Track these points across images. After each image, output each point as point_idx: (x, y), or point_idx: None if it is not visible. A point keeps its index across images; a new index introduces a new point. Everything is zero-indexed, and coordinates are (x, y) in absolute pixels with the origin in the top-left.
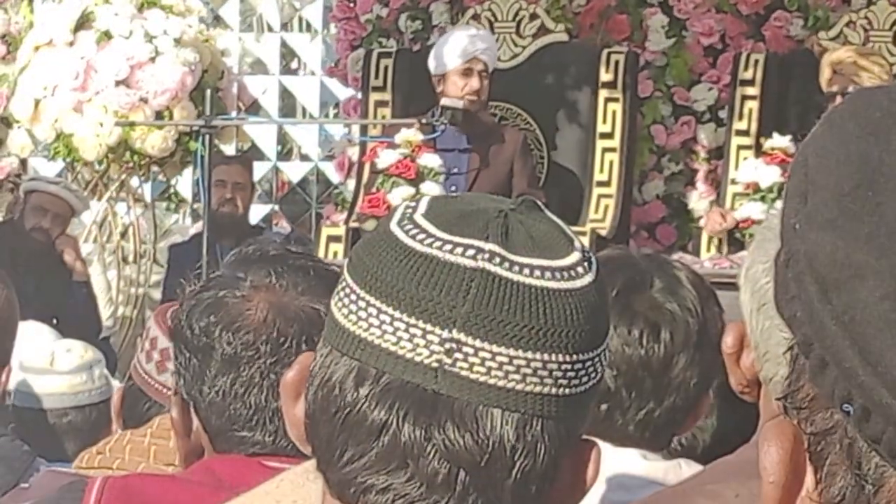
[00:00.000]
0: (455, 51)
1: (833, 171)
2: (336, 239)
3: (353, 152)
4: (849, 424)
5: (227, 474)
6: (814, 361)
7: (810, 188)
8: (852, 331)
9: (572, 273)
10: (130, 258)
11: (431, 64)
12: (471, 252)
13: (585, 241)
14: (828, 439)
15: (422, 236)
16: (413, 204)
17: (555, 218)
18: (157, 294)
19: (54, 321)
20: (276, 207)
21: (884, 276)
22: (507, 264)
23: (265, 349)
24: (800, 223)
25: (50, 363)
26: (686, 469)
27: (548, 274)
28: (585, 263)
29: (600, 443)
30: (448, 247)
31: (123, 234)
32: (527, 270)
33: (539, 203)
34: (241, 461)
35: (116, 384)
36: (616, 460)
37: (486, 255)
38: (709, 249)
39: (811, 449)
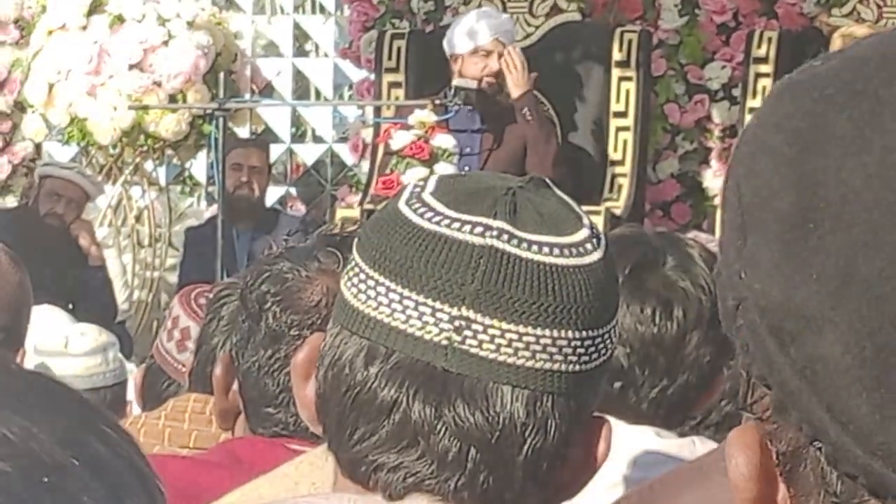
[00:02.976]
0: (474, 33)
1: (769, 200)
2: (351, 221)
3: (367, 134)
4: (819, 454)
5: (248, 455)
6: (775, 401)
7: (748, 221)
8: (816, 386)
9: (581, 249)
10: (146, 242)
11: (448, 45)
12: (479, 229)
13: (600, 220)
14: (797, 460)
15: (430, 214)
16: (421, 183)
17: (563, 195)
18: (172, 277)
19: (70, 306)
20: (291, 190)
21: (841, 328)
22: (515, 241)
23: (308, 333)
24: (744, 270)
25: (64, 346)
26: (700, 446)
27: (556, 250)
28: (594, 240)
29: (614, 420)
30: (456, 224)
31: (138, 218)
32: (535, 247)
33: (547, 180)
34: (263, 443)
35: (131, 368)
36: (630, 438)
37: (495, 233)
38: None
39: (781, 467)
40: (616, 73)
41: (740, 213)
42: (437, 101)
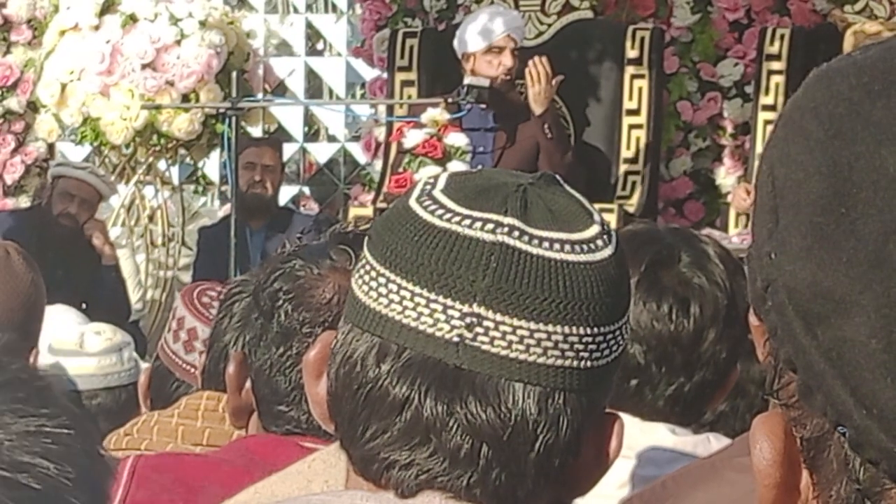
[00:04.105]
0: (486, 30)
1: (802, 184)
2: (364, 219)
3: (380, 132)
4: (843, 440)
5: (261, 453)
6: (801, 384)
7: (780, 204)
8: (842, 369)
9: (592, 246)
10: (159, 241)
11: (460, 44)
12: (490, 226)
13: (613, 218)
14: (821, 446)
15: (441, 212)
16: (432, 180)
17: (573, 192)
18: (186, 277)
19: (83, 305)
20: (304, 189)
21: (869, 312)
22: (526, 238)
23: (320, 330)
24: (775, 251)
25: (79, 345)
26: (715, 443)
27: (567, 247)
28: (605, 236)
29: (629, 417)
30: (467, 221)
31: (151, 218)
32: (546, 244)
33: (558, 177)
34: (276, 440)
35: (145, 367)
36: (645, 435)
37: (506, 229)
38: (736, 225)
39: (805, 454)
40: (629, 70)
41: (773, 195)
42: (450, 100)
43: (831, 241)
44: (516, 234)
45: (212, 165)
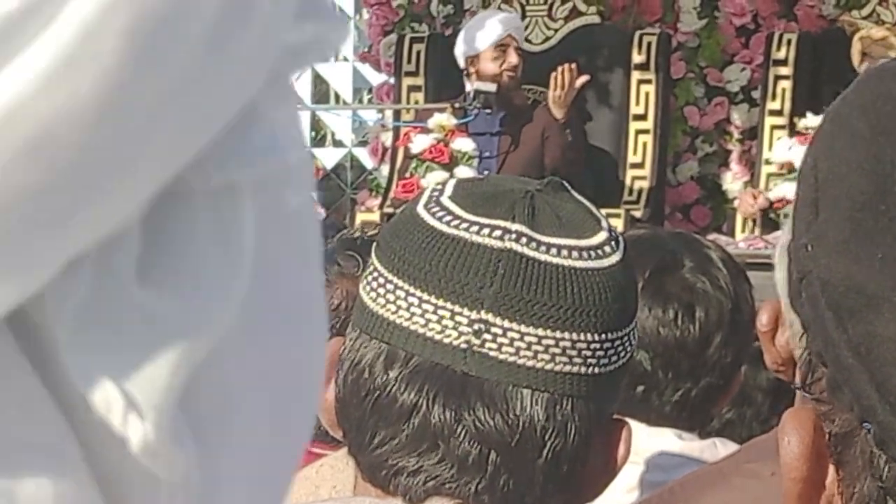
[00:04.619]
0: (489, 31)
1: (844, 178)
2: (371, 225)
3: (387, 137)
4: (869, 437)
5: None
6: (829, 379)
7: (821, 197)
8: (868, 365)
9: (599, 252)
10: None
11: (465, 46)
12: (498, 233)
13: (620, 223)
14: (848, 442)
15: (448, 218)
16: (439, 186)
17: (581, 198)
18: None
19: None
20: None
21: None
22: (534, 244)
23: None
24: (812, 243)
25: None
26: (722, 448)
27: (575, 253)
28: (613, 243)
29: (635, 423)
30: (475, 228)
31: None
32: (554, 250)
33: (565, 184)
34: None
35: None
36: (652, 440)
37: (514, 236)
38: (743, 230)
39: (832, 449)
40: (635, 75)
41: (815, 188)
42: (457, 105)
43: (868, 236)
44: (524, 240)
45: None
